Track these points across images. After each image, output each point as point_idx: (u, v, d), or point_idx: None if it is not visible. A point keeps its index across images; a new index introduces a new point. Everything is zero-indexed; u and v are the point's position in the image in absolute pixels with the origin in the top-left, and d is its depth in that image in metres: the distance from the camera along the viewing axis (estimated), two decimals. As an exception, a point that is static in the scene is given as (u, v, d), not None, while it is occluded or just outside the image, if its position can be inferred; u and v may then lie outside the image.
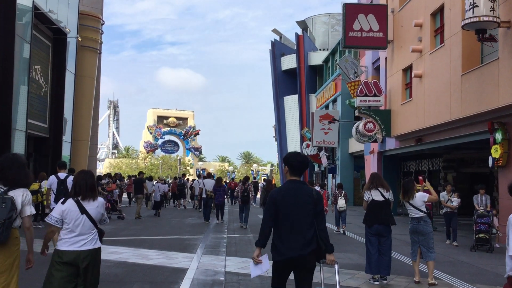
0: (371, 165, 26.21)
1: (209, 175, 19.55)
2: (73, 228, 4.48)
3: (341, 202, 15.02)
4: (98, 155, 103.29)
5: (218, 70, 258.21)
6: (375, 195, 7.86)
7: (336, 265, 4.41)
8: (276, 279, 4.44)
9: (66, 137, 19.36)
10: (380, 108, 21.82)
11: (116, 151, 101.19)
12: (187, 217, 19.50)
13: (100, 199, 4.79)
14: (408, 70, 19.90)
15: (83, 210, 4.52)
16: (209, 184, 17.61)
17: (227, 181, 38.19)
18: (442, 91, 16.36)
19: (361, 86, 21.63)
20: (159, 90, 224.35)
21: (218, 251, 10.37)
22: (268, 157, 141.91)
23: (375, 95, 21.54)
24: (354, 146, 31.63)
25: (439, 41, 17.33)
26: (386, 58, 23.51)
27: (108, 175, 21.72)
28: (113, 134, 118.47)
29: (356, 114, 22.33)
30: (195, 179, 27.46)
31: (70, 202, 4.55)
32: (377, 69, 25.98)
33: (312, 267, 4.37)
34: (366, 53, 27.52)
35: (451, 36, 15.86)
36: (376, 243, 7.88)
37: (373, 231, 7.83)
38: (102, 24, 23.25)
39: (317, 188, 17.90)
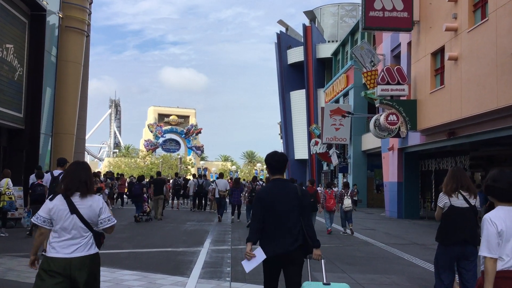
0: (390, 164, 23.66)
1: (221, 175, 19.78)
2: (62, 230, 3.81)
3: (347, 202, 14.39)
4: (99, 155, 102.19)
5: (221, 70, 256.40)
6: (456, 200, 5.41)
7: (322, 260, 4.43)
8: (267, 277, 4.53)
9: (46, 129, 16.81)
10: (404, 98, 19.29)
11: (117, 151, 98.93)
12: (184, 221, 16.98)
13: (96, 197, 4.02)
14: (438, 53, 17.34)
15: (73, 209, 3.81)
16: (222, 184, 18.01)
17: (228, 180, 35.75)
18: (485, 74, 13.80)
19: (382, 73, 19.08)
20: (161, 90, 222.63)
21: (220, 273, 7.83)
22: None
23: (398, 83, 18.99)
24: (368, 143, 29.16)
25: (479, 17, 14.78)
26: (408, 43, 20.97)
27: (96, 173, 19.26)
28: (115, 133, 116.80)
29: (377, 105, 19.81)
30: (189, 179, 25.84)
31: (59, 199, 3.88)
32: (397, 57, 23.41)
33: (300, 262, 4.46)
34: (383, 40, 24.97)
35: (497, 9, 13.30)
36: (453, 269, 5.38)
37: (453, 253, 5.34)
38: (90, 3, 20.70)
39: (320, 188, 16.58)
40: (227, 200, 18.47)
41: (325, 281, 4.20)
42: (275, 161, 4.62)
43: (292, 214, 4.40)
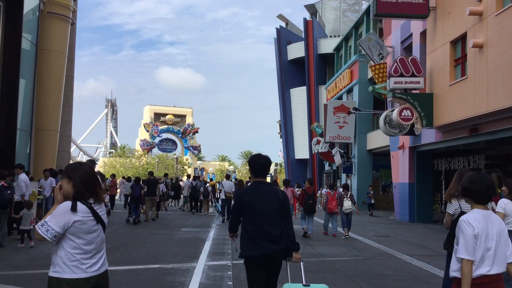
0: (400, 164, 22.04)
1: (228, 177, 19.77)
2: (89, 244, 3.21)
3: (347, 204, 13.93)
4: (95, 155, 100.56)
5: (217, 70, 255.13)
6: (466, 205, 4.89)
7: (301, 263, 4.45)
8: (252, 282, 4.39)
9: (24, 125, 15.08)
10: (417, 92, 17.68)
11: (113, 151, 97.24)
12: (178, 227, 15.30)
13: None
14: (459, 41, 15.72)
15: (98, 218, 3.28)
16: (228, 185, 17.94)
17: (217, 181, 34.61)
18: (518, 62, 12.20)
19: (396, 64, 17.44)
20: (158, 90, 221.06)
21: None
22: (270, 156, 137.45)
23: (413, 75, 17.38)
24: (374, 141, 27.55)
25: (509, -2, 13.18)
26: (421, 32, 19.37)
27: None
28: (111, 133, 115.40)
29: (389, 99, 18.15)
30: (182, 179, 25.84)
31: (83, 208, 3.21)
32: (407, 49, 21.81)
33: (280, 264, 4.49)
34: (392, 31, 23.36)
35: (532, -13, 11.71)
36: None
37: None
38: (76, -12, 19.06)
39: (324, 190, 15.65)
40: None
41: (304, 283, 4.23)
42: (259, 164, 4.61)
43: (274, 217, 4.42)
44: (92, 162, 12.10)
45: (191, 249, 10.48)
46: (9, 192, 10.01)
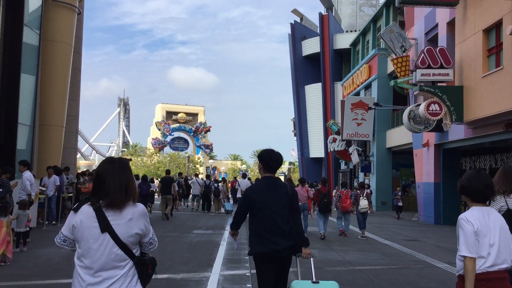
0: (424, 162, 20.83)
1: (244, 176, 19.89)
2: (87, 257, 2.63)
3: (363, 203, 13.74)
4: (107, 154, 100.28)
5: (229, 69, 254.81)
6: None
7: (311, 258, 4.43)
8: (262, 279, 4.32)
9: (25, 119, 14.13)
10: (443, 85, 16.50)
11: (125, 149, 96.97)
12: (189, 229, 14.28)
13: (140, 206, 2.80)
14: (493, 29, 14.51)
15: (105, 226, 2.63)
16: (244, 184, 17.95)
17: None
18: None
19: (423, 54, 16.28)
20: (171, 89, 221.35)
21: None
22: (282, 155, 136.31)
23: (441, 66, 16.20)
24: (394, 139, 26.36)
25: (554, -21, 11.97)
26: (448, 22, 18.17)
27: (88, 171, 16.68)
28: (123, 132, 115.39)
29: (415, 93, 16.96)
30: (192, 177, 25.12)
31: (86, 210, 2.71)
32: (432, 41, 20.56)
33: (289, 261, 4.43)
34: (415, 22, 22.13)
35: None
36: None
37: None
38: (83, -24, 18.10)
39: (343, 189, 14.54)
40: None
41: (314, 279, 4.16)
42: (272, 160, 4.53)
43: (283, 213, 4.35)
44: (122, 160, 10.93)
45: (204, 255, 9.43)
46: (0, 190, 9.05)
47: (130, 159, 10.27)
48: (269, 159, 4.50)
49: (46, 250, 9.33)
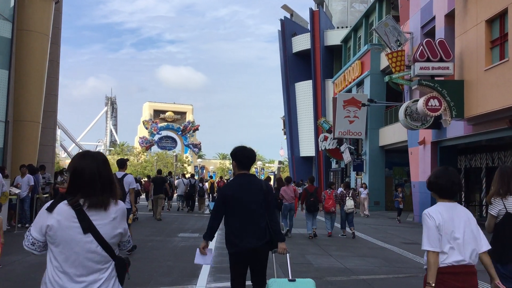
0: (420, 161, 20.06)
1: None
2: (67, 261, 2.41)
3: (350, 203, 13.66)
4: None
5: (218, 68, 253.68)
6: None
7: (288, 254, 4.36)
8: (234, 276, 4.36)
9: (-2, 114, 13.07)
10: (442, 79, 15.73)
11: (113, 149, 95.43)
12: (175, 232, 13.31)
13: (121, 204, 2.61)
14: (496, 20, 13.75)
15: (87, 227, 2.42)
16: None
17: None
18: None
19: (421, 47, 15.51)
20: (159, 88, 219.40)
21: None
22: (271, 155, 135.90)
23: (441, 59, 15.45)
24: (387, 137, 25.64)
25: None
26: (446, 15, 17.40)
27: (62, 170, 15.63)
28: (111, 131, 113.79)
29: (413, 87, 16.18)
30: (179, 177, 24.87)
31: (63, 209, 2.43)
32: (429, 35, 19.75)
33: (266, 258, 4.41)
34: (411, 16, 21.37)
35: None
36: None
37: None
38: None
39: (340, 189, 14.46)
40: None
41: (290, 277, 4.08)
42: (246, 157, 4.47)
43: (258, 209, 4.33)
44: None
45: (189, 263, 8.46)
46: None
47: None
48: (242, 156, 4.45)
49: (12, 258, 8.31)
